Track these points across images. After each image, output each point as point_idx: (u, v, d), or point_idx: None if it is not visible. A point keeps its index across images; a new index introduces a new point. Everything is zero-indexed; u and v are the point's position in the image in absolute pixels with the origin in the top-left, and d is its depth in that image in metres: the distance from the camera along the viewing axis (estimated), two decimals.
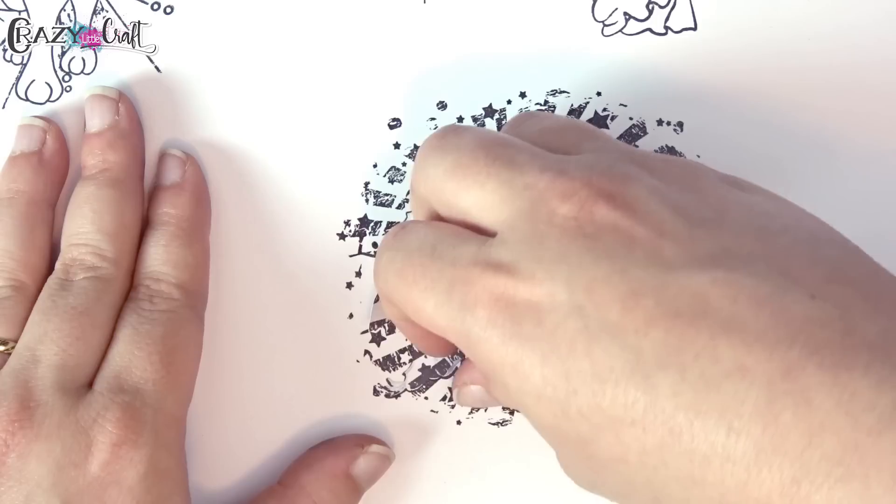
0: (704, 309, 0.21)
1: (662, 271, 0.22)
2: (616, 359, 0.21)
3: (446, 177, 0.25)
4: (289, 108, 0.33)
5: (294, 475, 0.32)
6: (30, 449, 0.27)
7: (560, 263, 0.23)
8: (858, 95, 0.33)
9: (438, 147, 0.26)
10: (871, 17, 0.33)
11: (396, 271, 0.26)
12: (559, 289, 0.22)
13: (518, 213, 0.24)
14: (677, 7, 0.33)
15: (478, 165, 0.25)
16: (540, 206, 0.24)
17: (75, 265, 0.30)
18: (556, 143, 0.26)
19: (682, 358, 0.21)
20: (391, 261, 0.26)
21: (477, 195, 0.25)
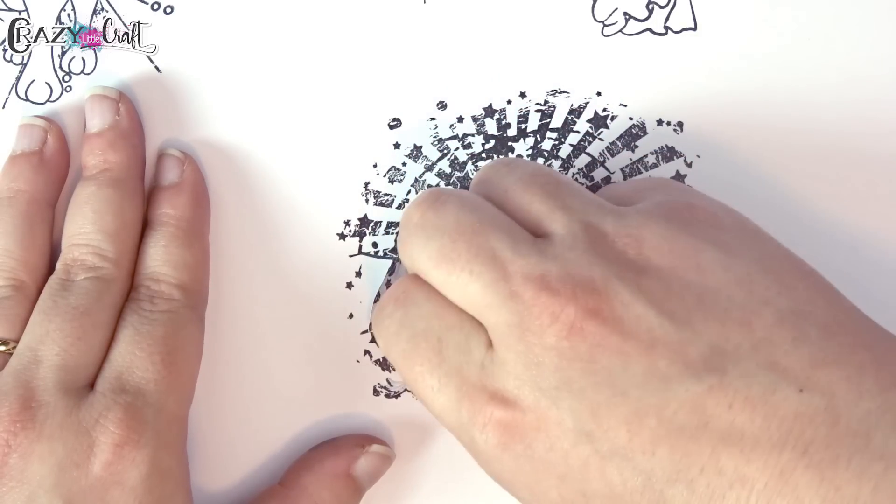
0: (704, 421, 0.22)
1: (661, 387, 0.23)
2: (629, 479, 0.23)
3: (431, 265, 0.26)
4: (289, 107, 0.33)
5: (295, 476, 0.32)
6: (32, 449, 0.27)
7: (562, 391, 0.24)
8: (858, 95, 0.33)
9: (420, 226, 0.27)
10: (871, 16, 0.33)
11: (402, 353, 0.27)
12: (566, 417, 0.23)
13: (507, 327, 0.25)
14: (677, 7, 0.33)
15: (461, 261, 0.26)
16: (528, 323, 0.24)
17: (76, 265, 0.30)
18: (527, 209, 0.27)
19: (689, 474, 0.22)
20: (395, 336, 0.27)
21: (463, 293, 0.26)
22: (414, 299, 0.27)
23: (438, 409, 0.26)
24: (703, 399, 0.22)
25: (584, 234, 0.26)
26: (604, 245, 0.25)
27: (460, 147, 0.33)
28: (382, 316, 0.28)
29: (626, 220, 0.26)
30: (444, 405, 0.26)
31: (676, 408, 0.22)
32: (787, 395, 0.22)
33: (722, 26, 0.33)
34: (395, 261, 0.33)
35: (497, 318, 0.25)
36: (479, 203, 0.27)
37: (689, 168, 0.33)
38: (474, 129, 0.33)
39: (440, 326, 0.26)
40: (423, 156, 0.33)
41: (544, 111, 0.33)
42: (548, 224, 0.26)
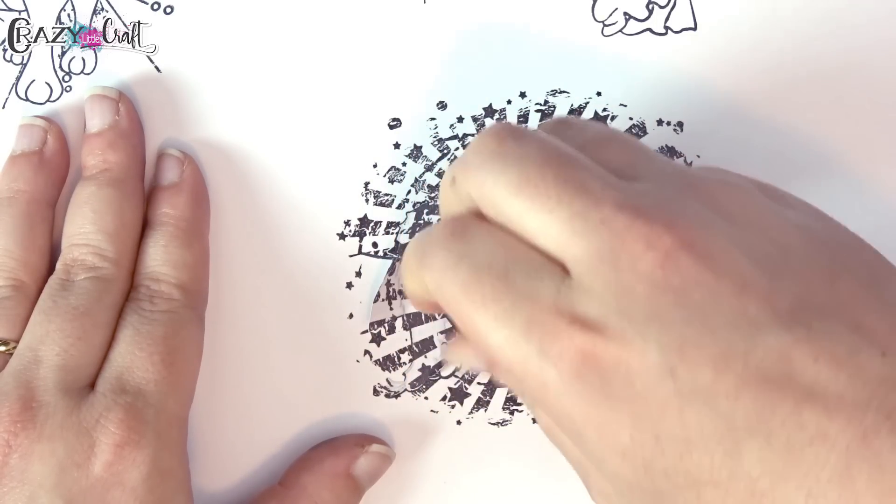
0: (789, 372, 0.22)
1: (750, 332, 0.22)
2: (707, 424, 0.22)
3: (509, 192, 0.24)
4: (289, 107, 0.33)
5: (295, 476, 0.32)
6: (32, 450, 0.27)
7: (651, 322, 0.22)
8: (859, 95, 0.33)
9: (499, 154, 0.25)
10: (871, 16, 0.33)
11: (461, 284, 0.24)
12: (651, 350, 0.22)
13: (597, 255, 0.23)
14: (677, 7, 0.33)
15: (547, 187, 0.24)
16: (621, 250, 0.23)
17: (76, 265, 0.30)
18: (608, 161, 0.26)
19: (770, 424, 0.21)
20: (453, 269, 0.25)
21: (545, 221, 0.24)
22: (474, 232, 0.25)
23: (501, 341, 0.24)
24: (789, 349, 0.22)
25: (675, 177, 0.25)
26: (696, 190, 0.25)
27: (460, 147, 0.33)
28: (436, 247, 0.25)
29: (710, 174, 0.26)
30: (509, 335, 0.23)
31: (763, 355, 0.22)
32: (871, 356, 0.22)
33: (722, 26, 0.33)
34: (395, 260, 0.33)
35: (584, 246, 0.23)
36: (562, 143, 0.26)
37: None
38: (474, 129, 0.33)
39: (507, 258, 0.24)
40: (423, 156, 0.33)
41: (544, 111, 0.33)
42: (632, 170, 0.25)
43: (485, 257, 0.24)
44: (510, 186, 0.24)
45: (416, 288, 0.27)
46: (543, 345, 0.23)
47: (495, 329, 0.24)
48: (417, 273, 0.26)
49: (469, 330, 0.25)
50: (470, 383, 0.33)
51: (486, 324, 0.24)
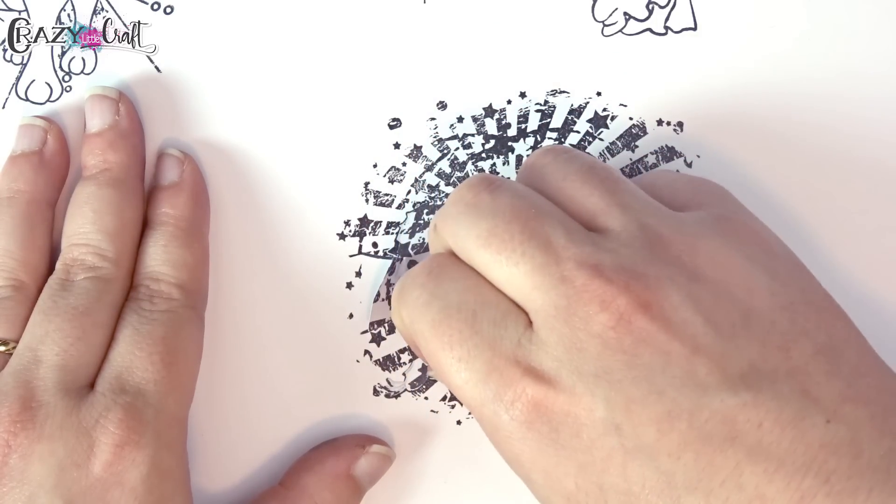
0: (733, 434, 0.22)
1: (697, 393, 0.23)
2: (648, 479, 0.23)
3: (479, 244, 0.26)
4: (288, 107, 0.33)
5: (295, 476, 0.32)
6: (32, 450, 0.27)
7: (600, 380, 0.23)
8: (858, 95, 0.33)
9: (474, 206, 0.26)
10: (871, 16, 0.33)
11: (430, 322, 0.26)
12: (599, 406, 0.23)
13: (553, 310, 0.24)
14: (677, 7, 0.33)
15: (513, 242, 0.25)
16: (577, 308, 0.24)
17: (76, 265, 0.30)
18: (581, 206, 0.27)
19: (710, 484, 0.22)
20: (426, 306, 0.26)
21: (510, 273, 0.25)
22: (449, 273, 0.27)
23: (461, 382, 0.25)
24: (735, 412, 0.22)
25: (640, 233, 0.26)
26: (659, 247, 0.25)
27: (460, 147, 0.33)
28: (412, 285, 0.27)
29: (684, 228, 0.26)
30: (469, 378, 0.25)
31: (709, 416, 0.23)
32: (815, 422, 0.22)
33: (722, 26, 0.33)
34: (395, 260, 0.33)
35: (543, 301, 0.25)
36: (534, 194, 0.27)
37: (689, 168, 0.33)
38: (474, 129, 0.33)
39: (476, 301, 0.26)
40: (423, 156, 0.33)
41: (544, 111, 0.33)
42: (604, 219, 0.26)
43: (455, 299, 0.26)
44: (479, 239, 0.26)
45: (398, 323, 0.28)
46: (499, 391, 0.24)
47: (457, 370, 0.25)
48: (396, 308, 0.28)
49: (435, 367, 0.26)
50: None
51: (450, 364, 0.25)
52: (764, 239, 0.27)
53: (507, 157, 0.33)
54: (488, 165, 0.33)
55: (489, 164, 0.33)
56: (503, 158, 0.33)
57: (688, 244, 0.26)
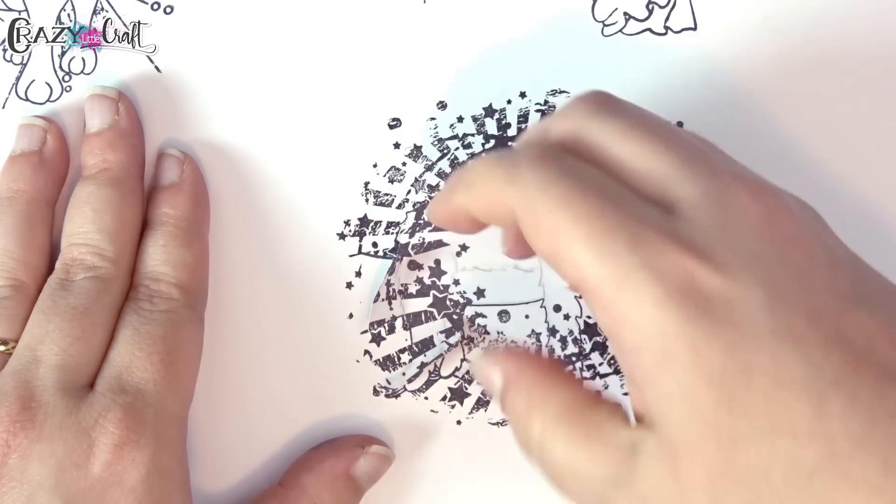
0: (872, 348, 0.22)
1: (840, 301, 0.23)
2: (797, 368, 0.22)
3: (617, 137, 0.25)
4: (288, 107, 0.33)
5: (295, 476, 0.32)
6: (31, 450, 0.27)
7: (755, 262, 0.23)
8: (858, 95, 0.33)
9: (605, 106, 0.26)
10: (871, 16, 0.33)
11: (562, 198, 0.24)
12: (754, 285, 0.22)
13: (707, 195, 0.24)
14: (677, 7, 0.33)
15: (658, 134, 0.25)
16: (730, 196, 0.24)
17: (75, 265, 0.30)
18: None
19: (856, 387, 0.22)
20: (554, 183, 0.24)
21: (657, 162, 0.24)
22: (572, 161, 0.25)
23: (595, 255, 0.23)
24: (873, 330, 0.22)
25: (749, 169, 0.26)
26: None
27: (460, 147, 0.33)
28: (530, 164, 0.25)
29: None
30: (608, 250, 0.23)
31: (850, 325, 0.22)
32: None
33: (722, 26, 0.33)
34: (395, 260, 0.33)
35: (694, 189, 0.24)
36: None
37: None
38: (474, 129, 0.33)
39: (612, 184, 0.24)
40: (423, 156, 0.33)
41: (544, 111, 0.33)
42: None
43: (591, 178, 0.24)
44: (618, 131, 0.25)
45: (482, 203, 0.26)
46: (648, 260, 0.23)
47: (597, 242, 0.23)
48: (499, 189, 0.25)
49: (560, 247, 0.24)
50: (470, 383, 0.33)
51: (586, 238, 0.23)
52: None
53: None
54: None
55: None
56: None
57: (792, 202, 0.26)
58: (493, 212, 0.26)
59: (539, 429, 0.26)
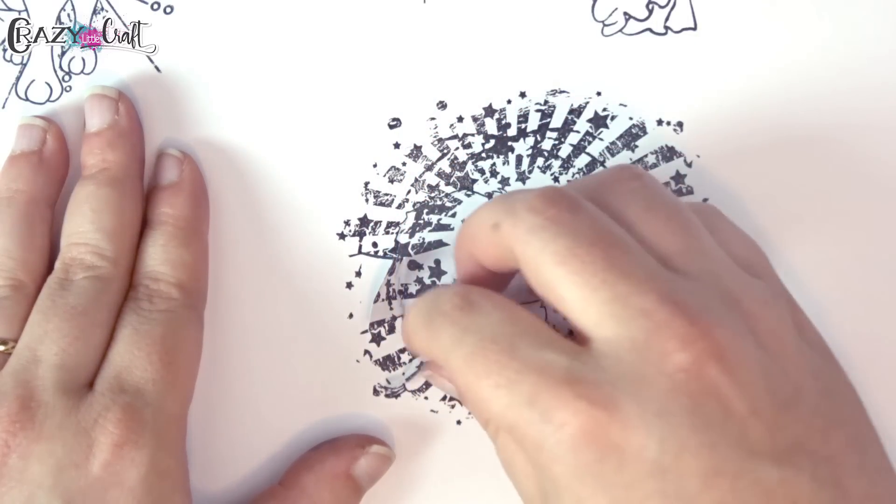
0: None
1: (745, 457, 0.23)
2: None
3: (556, 261, 0.25)
4: (288, 107, 0.33)
5: (295, 476, 0.32)
6: (31, 450, 0.27)
7: (659, 419, 0.23)
8: (858, 95, 0.33)
9: (553, 221, 0.25)
10: (871, 17, 0.33)
11: (464, 357, 0.25)
12: (652, 444, 0.23)
13: (628, 341, 0.23)
14: (677, 7, 0.33)
15: (594, 266, 0.24)
16: (654, 343, 0.23)
17: (75, 264, 0.30)
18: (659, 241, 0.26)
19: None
20: (458, 342, 0.25)
21: (585, 296, 0.24)
22: (482, 306, 0.26)
23: (500, 407, 0.24)
24: (775, 486, 0.22)
25: (717, 282, 0.25)
26: (738, 303, 0.25)
27: (460, 147, 0.33)
28: (443, 322, 0.26)
29: (752, 291, 0.26)
30: (511, 402, 0.24)
31: (750, 483, 0.22)
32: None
33: (722, 26, 0.33)
34: (396, 260, 0.33)
35: (617, 331, 0.24)
36: (612, 222, 0.26)
37: (689, 168, 0.33)
38: (474, 128, 0.33)
39: (514, 332, 0.25)
40: (423, 156, 0.33)
41: (544, 111, 0.33)
42: (682, 261, 0.26)
43: (490, 331, 0.25)
44: (557, 256, 0.25)
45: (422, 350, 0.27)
46: (548, 412, 0.23)
47: (496, 396, 0.24)
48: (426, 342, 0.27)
49: (469, 398, 0.25)
50: None
51: (487, 391, 0.24)
52: (809, 323, 0.27)
53: (507, 156, 0.33)
54: (488, 165, 0.33)
55: (489, 164, 0.33)
56: (503, 158, 0.33)
57: (755, 308, 0.25)
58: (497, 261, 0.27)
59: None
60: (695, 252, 0.26)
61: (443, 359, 0.26)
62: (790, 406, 0.24)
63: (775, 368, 0.24)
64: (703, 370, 0.23)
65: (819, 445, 0.23)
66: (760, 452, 0.23)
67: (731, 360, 0.23)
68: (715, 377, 0.23)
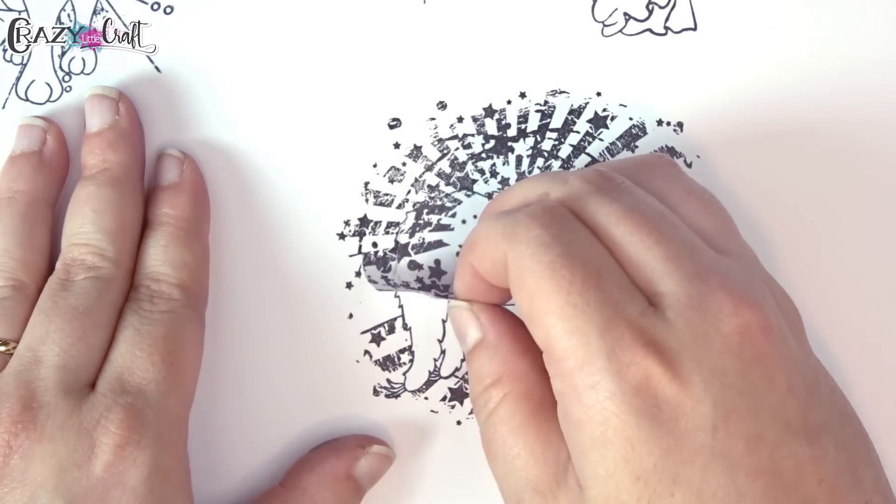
0: (798, 481, 0.23)
1: (783, 428, 0.24)
2: (721, 489, 0.23)
3: (618, 218, 0.26)
4: (289, 107, 0.33)
5: (296, 477, 0.32)
6: (33, 451, 0.27)
7: (715, 379, 0.24)
8: (858, 95, 0.33)
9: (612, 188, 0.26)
10: (870, 17, 0.33)
11: (549, 264, 0.25)
12: (706, 401, 0.23)
13: (686, 297, 0.24)
14: (677, 7, 0.33)
15: (650, 226, 0.25)
16: (710, 303, 0.24)
17: (76, 265, 0.30)
18: (699, 223, 0.27)
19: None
20: (545, 246, 0.25)
21: (644, 254, 0.25)
22: (573, 226, 0.26)
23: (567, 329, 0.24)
24: (806, 462, 0.23)
25: (756, 266, 0.27)
26: (771, 287, 0.26)
27: (460, 147, 0.33)
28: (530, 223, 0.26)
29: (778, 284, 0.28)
30: (580, 327, 0.24)
31: (787, 455, 0.23)
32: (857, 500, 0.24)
33: (722, 26, 0.33)
34: (395, 260, 0.33)
35: (676, 288, 0.24)
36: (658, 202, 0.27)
37: (689, 168, 0.33)
38: (474, 129, 0.33)
39: (602, 261, 0.25)
40: (423, 156, 0.33)
41: (544, 111, 0.33)
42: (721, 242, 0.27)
43: (581, 249, 0.25)
44: (619, 213, 0.26)
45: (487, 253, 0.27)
46: (615, 351, 0.24)
47: (569, 316, 0.24)
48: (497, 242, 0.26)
49: (536, 310, 0.25)
50: None
51: (561, 308, 0.24)
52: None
53: (507, 157, 0.33)
54: (488, 165, 0.33)
55: (489, 164, 0.33)
56: (503, 158, 0.33)
57: (782, 296, 0.27)
58: (493, 269, 0.27)
59: (497, 400, 0.28)
60: (731, 234, 0.27)
61: (517, 266, 0.25)
62: (814, 391, 0.25)
63: (803, 352, 0.25)
64: (754, 337, 0.24)
65: (839, 432, 0.24)
66: (795, 428, 0.23)
67: (775, 336, 0.24)
68: (763, 347, 0.24)
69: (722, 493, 0.23)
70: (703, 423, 0.23)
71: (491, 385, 0.28)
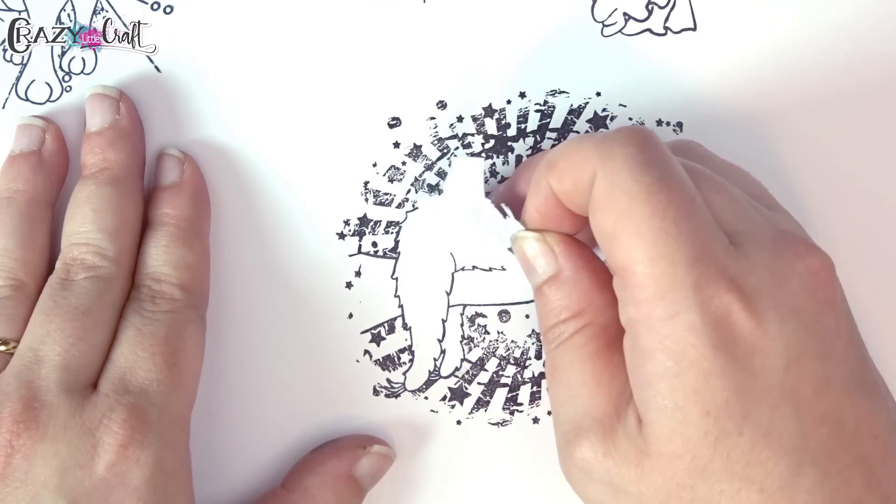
0: (856, 432, 0.24)
1: (847, 377, 0.24)
2: (788, 431, 0.23)
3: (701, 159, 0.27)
4: (288, 107, 0.33)
5: (297, 478, 0.32)
6: (35, 450, 0.27)
7: (791, 318, 0.24)
8: (858, 95, 0.33)
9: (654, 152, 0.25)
10: (870, 17, 0.33)
11: (647, 185, 0.24)
12: (781, 340, 0.24)
13: (762, 239, 0.25)
14: (677, 7, 0.33)
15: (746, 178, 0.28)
16: (785, 245, 0.25)
17: (76, 264, 0.30)
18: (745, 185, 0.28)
19: (830, 467, 0.23)
20: (644, 166, 0.24)
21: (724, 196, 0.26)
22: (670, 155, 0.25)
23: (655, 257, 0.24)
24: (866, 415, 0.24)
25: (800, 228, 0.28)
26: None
27: (460, 146, 0.33)
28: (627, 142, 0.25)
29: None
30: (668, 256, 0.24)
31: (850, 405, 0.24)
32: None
33: (722, 26, 0.33)
34: (395, 260, 0.33)
35: (754, 228, 0.25)
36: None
37: None
38: (474, 128, 0.33)
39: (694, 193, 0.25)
40: (423, 155, 0.33)
41: (544, 111, 0.33)
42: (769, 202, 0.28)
43: (678, 176, 0.25)
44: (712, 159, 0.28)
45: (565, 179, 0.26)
46: (700, 283, 0.24)
47: (661, 244, 0.24)
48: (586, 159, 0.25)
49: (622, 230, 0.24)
50: (470, 383, 0.33)
51: (655, 235, 0.24)
52: None
53: (507, 156, 0.33)
54: (488, 165, 0.33)
55: (489, 164, 0.33)
56: (503, 158, 0.33)
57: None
58: (574, 189, 0.26)
59: (569, 331, 0.27)
60: (774, 200, 0.28)
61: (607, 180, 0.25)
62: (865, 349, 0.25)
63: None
64: (825, 281, 0.24)
65: (886, 393, 0.25)
66: (857, 380, 0.24)
67: (838, 285, 0.25)
68: (833, 293, 0.24)
69: (788, 436, 0.23)
70: (777, 362, 0.23)
71: (569, 318, 0.27)
